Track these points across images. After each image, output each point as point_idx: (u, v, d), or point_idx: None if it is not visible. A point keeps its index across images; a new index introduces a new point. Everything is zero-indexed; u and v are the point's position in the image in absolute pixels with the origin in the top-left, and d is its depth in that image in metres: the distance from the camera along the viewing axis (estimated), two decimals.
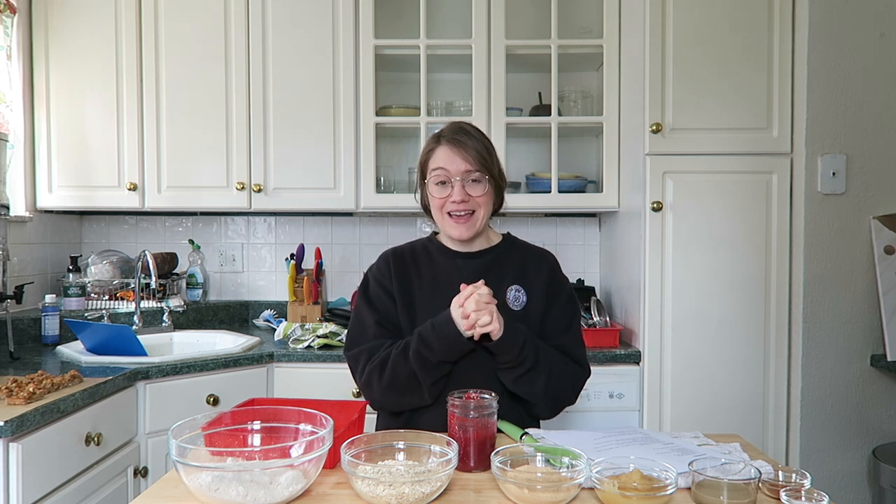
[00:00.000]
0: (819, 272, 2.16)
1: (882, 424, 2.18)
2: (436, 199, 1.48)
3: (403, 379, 1.39)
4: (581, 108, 2.72)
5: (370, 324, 1.47)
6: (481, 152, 1.46)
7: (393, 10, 2.67)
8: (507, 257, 1.55)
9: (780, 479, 1.09)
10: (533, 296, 1.51)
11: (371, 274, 1.55)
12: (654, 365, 2.20)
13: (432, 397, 1.42)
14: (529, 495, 1.02)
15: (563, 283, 1.57)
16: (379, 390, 1.42)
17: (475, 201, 1.46)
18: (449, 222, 1.48)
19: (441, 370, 1.39)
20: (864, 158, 2.16)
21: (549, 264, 1.56)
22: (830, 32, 2.13)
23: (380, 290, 1.51)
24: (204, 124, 2.53)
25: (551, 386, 1.43)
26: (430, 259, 1.55)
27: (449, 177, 1.45)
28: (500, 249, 1.56)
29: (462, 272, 1.50)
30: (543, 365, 1.42)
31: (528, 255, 1.58)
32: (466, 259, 1.53)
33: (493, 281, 1.42)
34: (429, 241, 1.59)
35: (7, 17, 2.44)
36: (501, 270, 1.52)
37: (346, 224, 2.93)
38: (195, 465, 1.00)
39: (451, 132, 1.48)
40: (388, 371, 1.40)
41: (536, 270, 1.54)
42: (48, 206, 2.56)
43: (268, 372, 2.24)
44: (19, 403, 1.53)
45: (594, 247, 2.92)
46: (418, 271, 1.53)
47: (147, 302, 2.62)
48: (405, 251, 1.57)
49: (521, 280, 1.52)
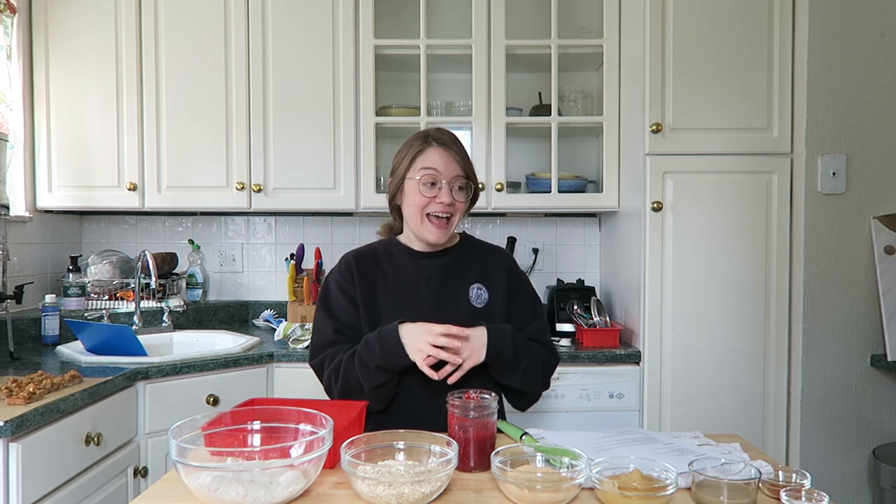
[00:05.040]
0: (819, 272, 2.16)
1: (882, 424, 2.18)
2: (421, 198, 1.47)
3: (353, 384, 1.42)
4: (581, 108, 2.72)
5: (328, 331, 1.50)
6: (467, 159, 1.51)
7: (393, 10, 2.67)
8: (467, 256, 1.58)
9: (780, 479, 1.09)
10: (494, 292, 1.55)
11: (332, 279, 1.56)
12: (654, 365, 2.20)
13: (382, 403, 1.44)
14: (529, 495, 1.02)
15: (521, 277, 1.62)
16: (338, 395, 1.46)
17: (457, 206, 1.49)
18: (427, 225, 1.49)
19: (379, 377, 1.39)
20: (864, 158, 2.16)
21: (507, 262, 1.62)
22: (830, 32, 2.13)
23: (341, 294, 1.52)
24: (204, 124, 2.53)
25: (542, 373, 1.53)
26: (393, 260, 1.56)
27: (439, 178, 1.46)
28: (459, 249, 1.59)
29: (425, 272, 1.53)
30: (534, 354, 1.50)
31: (486, 253, 1.62)
32: (429, 259, 1.55)
33: (455, 279, 1.49)
34: (389, 242, 1.60)
35: (7, 17, 2.44)
36: (463, 269, 1.56)
37: (346, 224, 2.93)
38: (195, 465, 0.99)
39: (440, 135, 1.50)
40: (340, 376, 1.43)
41: (496, 268, 1.58)
42: (48, 206, 2.56)
43: (268, 372, 2.24)
44: (19, 403, 1.53)
45: (594, 247, 2.92)
46: (382, 272, 1.54)
47: (147, 302, 2.62)
48: (367, 253, 1.58)
49: (481, 278, 1.55)
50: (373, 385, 1.40)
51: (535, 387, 1.53)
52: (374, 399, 1.42)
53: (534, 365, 1.49)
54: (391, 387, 1.43)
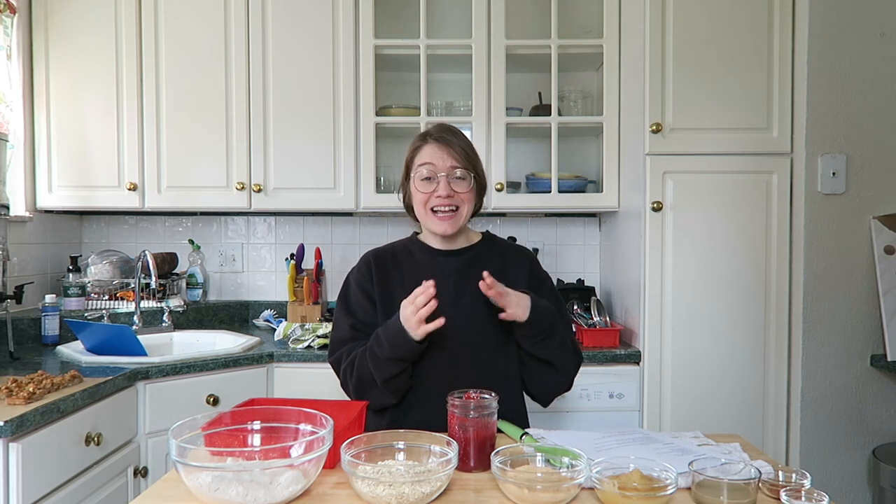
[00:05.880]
0: (819, 272, 2.16)
1: (882, 424, 2.18)
2: (420, 195, 1.49)
3: (367, 378, 1.43)
4: (581, 108, 2.72)
5: (345, 328, 1.51)
6: (466, 150, 1.50)
7: (393, 10, 2.67)
8: (487, 255, 1.58)
9: (780, 479, 1.09)
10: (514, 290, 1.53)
11: (352, 276, 1.58)
12: (653, 365, 2.20)
13: (395, 396, 1.44)
14: (529, 495, 1.02)
15: (543, 276, 1.62)
16: (353, 390, 1.47)
17: (459, 197, 1.48)
18: (432, 218, 1.49)
19: (390, 368, 1.39)
20: (864, 158, 2.16)
21: (528, 260, 1.61)
22: (830, 32, 2.13)
23: (360, 292, 1.53)
24: (204, 124, 2.53)
25: (573, 358, 1.53)
26: (412, 258, 1.57)
27: (435, 172, 1.47)
28: (480, 247, 1.59)
29: (444, 270, 1.53)
30: (567, 336, 1.52)
31: (507, 252, 1.61)
32: (448, 257, 1.55)
33: (473, 277, 1.47)
34: (410, 241, 1.62)
35: (7, 17, 2.44)
36: (482, 266, 1.53)
37: (346, 224, 2.93)
38: (195, 465, 0.99)
39: (438, 131, 1.52)
40: (355, 371, 1.44)
41: (517, 266, 1.58)
42: (48, 206, 2.56)
43: (268, 372, 2.24)
44: (19, 403, 1.53)
45: (594, 247, 2.92)
46: (400, 271, 1.55)
47: (147, 302, 2.62)
48: (386, 252, 1.60)
49: (501, 276, 1.53)
50: (385, 377, 1.40)
51: (568, 365, 1.50)
52: (387, 392, 1.42)
53: (567, 345, 1.49)
54: (404, 378, 1.42)
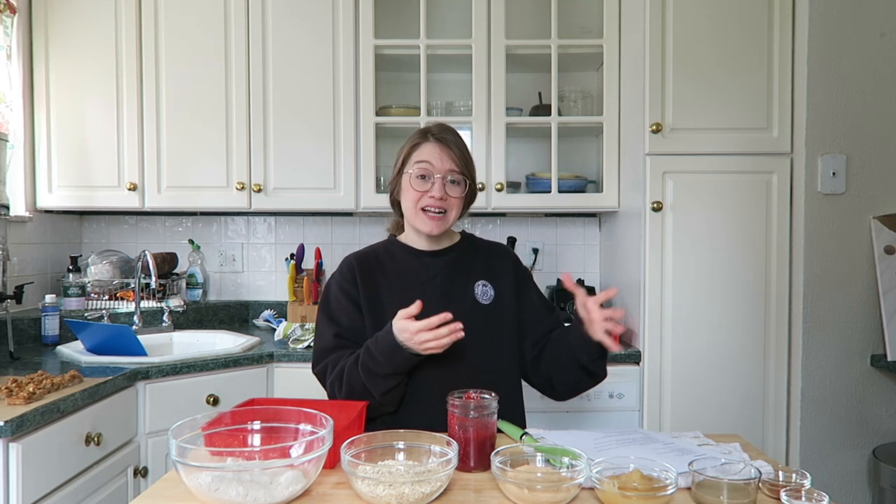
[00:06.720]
0: (819, 272, 2.16)
1: (882, 424, 2.18)
2: (413, 193, 1.47)
3: (359, 390, 1.39)
4: (581, 108, 2.72)
5: (328, 337, 1.48)
6: (465, 155, 1.50)
7: (393, 10, 2.67)
8: (470, 254, 1.58)
9: (780, 479, 1.09)
10: (501, 289, 1.54)
11: (334, 282, 1.54)
12: (653, 365, 2.20)
13: (394, 404, 1.43)
14: (529, 495, 1.02)
15: (525, 271, 1.63)
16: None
17: (450, 201, 1.48)
18: (422, 217, 1.48)
19: (389, 382, 1.37)
20: (864, 158, 2.16)
21: (511, 257, 1.62)
22: (830, 32, 2.13)
23: (344, 298, 1.50)
24: (204, 124, 2.53)
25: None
26: (395, 260, 1.55)
27: (432, 172, 1.46)
28: (462, 247, 1.59)
29: (429, 270, 1.52)
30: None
31: (489, 250, 1.62)
32: (432, 258, 1.54)
33: (459, 277, 1.48)
34: (390, 242, 1.59)
35: (7, 17, 2.44)
36: (466, 266, 1.55)
37: (346, 224, 2.93)
38: (195, 465, 0.99)
39: (439, 130, 1.50)
40: (344, 383, 1.41)
41: (501, 265, 1.58)
42: (48, 206, 2.56)
43: (268, 372, 2.24)
44: (19, 403, 1.53)
45: (594, 247, 2.92)
46: (384, 273, 1.53)
47: (147, 302, 2.62)
48: (368, 254, 1.57)
49: (486, 275, 1.55)
50: (384, 391, 1.38)
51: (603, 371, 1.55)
52: (386, 402, 1.41)
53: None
54: (402, 387, 1.41)
